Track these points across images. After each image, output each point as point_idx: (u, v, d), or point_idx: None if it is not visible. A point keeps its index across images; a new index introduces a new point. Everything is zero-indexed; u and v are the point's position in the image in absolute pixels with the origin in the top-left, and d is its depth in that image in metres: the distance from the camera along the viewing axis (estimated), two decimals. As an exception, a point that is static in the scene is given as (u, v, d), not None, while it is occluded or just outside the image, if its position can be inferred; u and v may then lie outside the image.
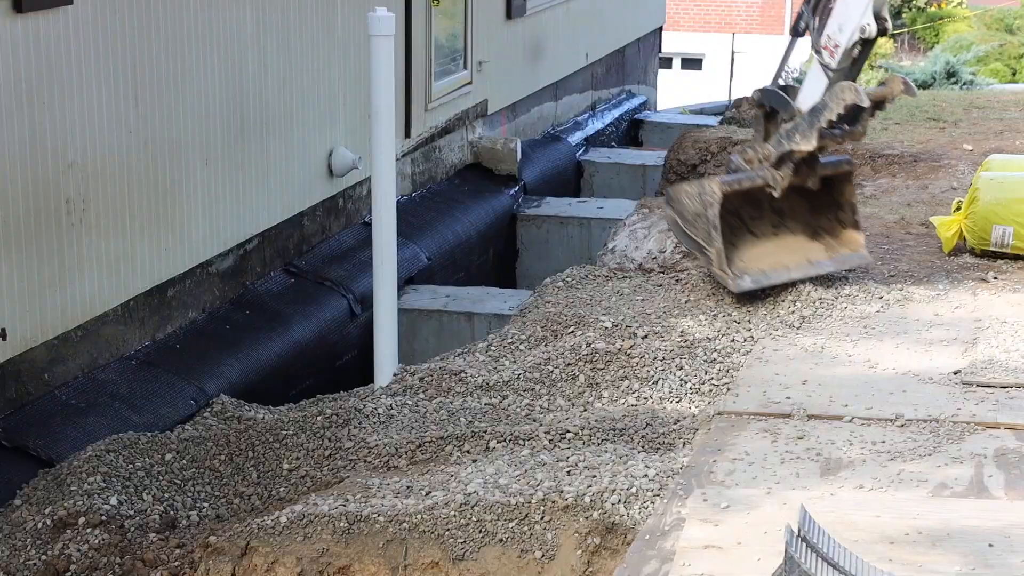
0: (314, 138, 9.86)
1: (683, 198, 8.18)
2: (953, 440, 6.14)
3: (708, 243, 8.01)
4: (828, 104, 7.83)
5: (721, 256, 7.95)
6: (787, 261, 8.19)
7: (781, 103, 8.10)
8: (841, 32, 7.92)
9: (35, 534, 6.15)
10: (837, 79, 7.92)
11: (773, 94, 8.17)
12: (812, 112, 7.92)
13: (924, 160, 12.05)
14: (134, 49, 7.69)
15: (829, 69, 7.95)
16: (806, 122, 7.94)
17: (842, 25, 7.91)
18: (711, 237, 7.98)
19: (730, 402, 6.72)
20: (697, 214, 8.07)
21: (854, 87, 7.77)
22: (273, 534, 5.82)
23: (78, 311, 7.38)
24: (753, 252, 8.19)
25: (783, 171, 8.10)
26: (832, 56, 7.94)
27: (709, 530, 5.26)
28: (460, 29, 12.60)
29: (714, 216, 7.93)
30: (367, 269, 9.16)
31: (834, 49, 7.93)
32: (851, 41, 7.87)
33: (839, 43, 7.92)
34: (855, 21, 7.83)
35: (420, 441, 6.70)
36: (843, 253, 8.34)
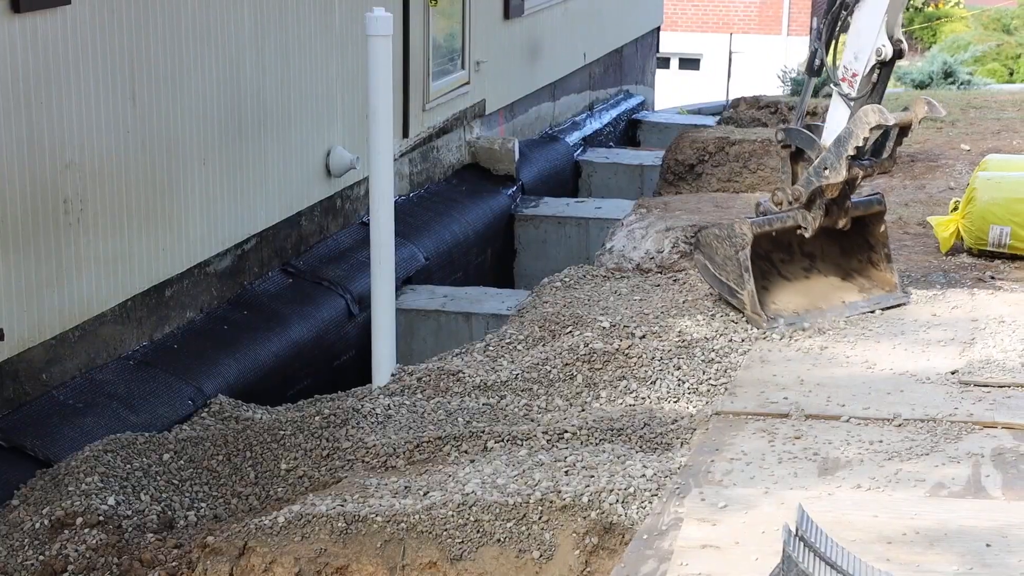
0: (312, 138, 9.86)
1: (712, 242, 8.05)
2: (950, 440, 6.15)
3: (740, 286, 7.87)
4: (853, 131, 7.72)
5: (754, 298, 7.82)
6: (820, 303, 8.06)
7: (807, 142, 7.99)
8: (857, 60, 7.87)
9: (33, 534, 6.15)
10: (859, 108, 7.85)
11: (798, 133, 8.05)
12: (837, 142, 7.81)
13: (921, 160, 12.06)
14: (132, 49, 7.69)
15: (850, 99, 7.88)
16: (833, 154, 7.81)
17: (857, 53, 7.86)
18: (743, 280, 7.85)
19: (728, 402, 6.72)
20: (727, 257, 7.94)
21: (878, 108, 7.66)
22: (271, 534, 5.82)
23: (76, 311, 7.37)
24: (785, 295, 8.07)
25: (814, 212, 7.97)
26: (851, 86, 7.89)
27: (707, 530, 5.26)
28: (458, 29, 12.60)
29: (745, 258, 7.82)
30: (365, 269, 9.16)
31: (852, 79, 7.88)
32: (868, 66, 7.81)
33: (857, 71, 7.86)
34: (870, 45, 7.79)
35: (418, 441, 6.70)
36: (877, 294, 8.19)
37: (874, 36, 7.77)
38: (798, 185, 8.00)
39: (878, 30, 7.76)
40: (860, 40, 7.84)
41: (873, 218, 8.26)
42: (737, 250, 7.85)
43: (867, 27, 7.82)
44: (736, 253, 7.85)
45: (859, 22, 7.86)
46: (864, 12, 7.83)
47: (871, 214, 8.24)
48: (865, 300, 8.14)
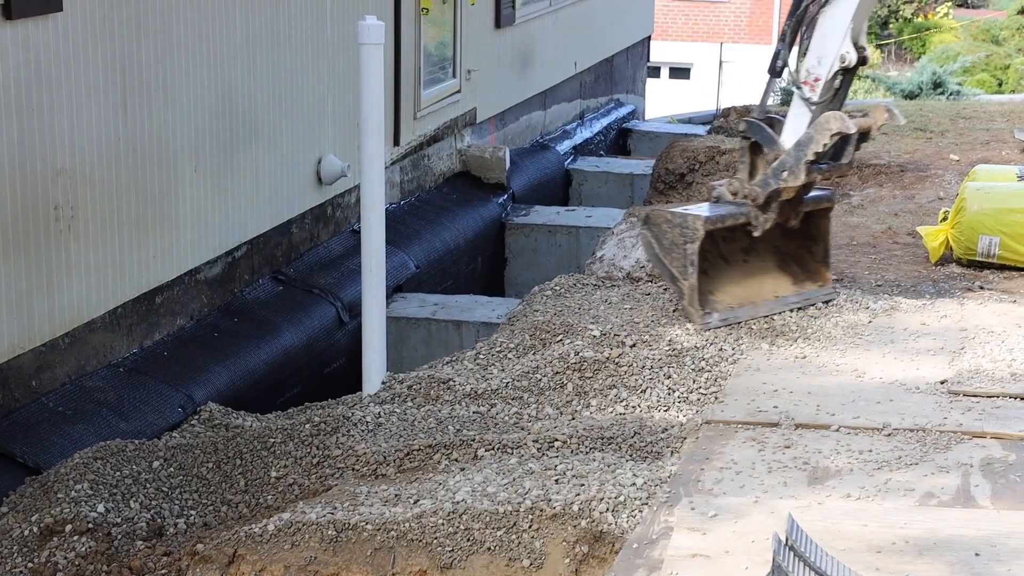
0: (303, 146, 9.87)
1: (663, 224, 8.11)
2: (940, 449, 6.16)
3: (683, 276, 7.98)
4: (814, 136, 7.79)
5: (694, 293, 7.94)
6: (755, 297, 8.16)
7: (767, 140, 8.05)
8: (820, 65, 7.91)
9: (21, 541, 6.13)
10: (820, 112, 7.90)
11: (760, 129, 8.12)
12: (798, 146, 7.88)
13: (911, 170, 12.09)
14: (124, 56, 7.69)
15: (811, 103, 7.94)
16: (792, 158, 7.88)
17: (821, 58, 7.90)
18: (686, 271, 7.95)
19: (718, 411, 6.73)
20: (675, 243, 8.02)
21: (839, 115, 7.73)
22: (261, 542, 5.82)
23: (66, 318, 7.37)
24: (722, 283, 8.17)
25: (768, 213, 8.07)
26: (813, 90, 7.93)
27: (697, 539, 5.27)
28: (449, 38, 12.62)
29: (693, 252, 7.91)
30: (355, 277, 9.16)
31: (814, 83, 7.93)
32: (831, 71, 7.87)
33: (819, 76, 7.91)
34: (834, 51, 7.83)
35: (408, 449, 6.70)
36: (809, 289, 8.34)
37: (839, 42, 7.81)
38: (756, 184, 8.06)
39: (843, 36, 7.80)
40: (824, 45, 7.87)
41: (821, 212, 8.39)
42: (687, 241, 7.93)
43: (832, 32, 7.85)
44: (684, 244, 7.94)
45: (824, 27, 7.89)
46: (829, 17, 7.86)
47: (820, 209, 8.36)
48: (796, 295, 8.28)
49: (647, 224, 8.23)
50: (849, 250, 9.65)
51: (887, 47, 32.03)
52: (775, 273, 8.34)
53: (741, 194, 8.10)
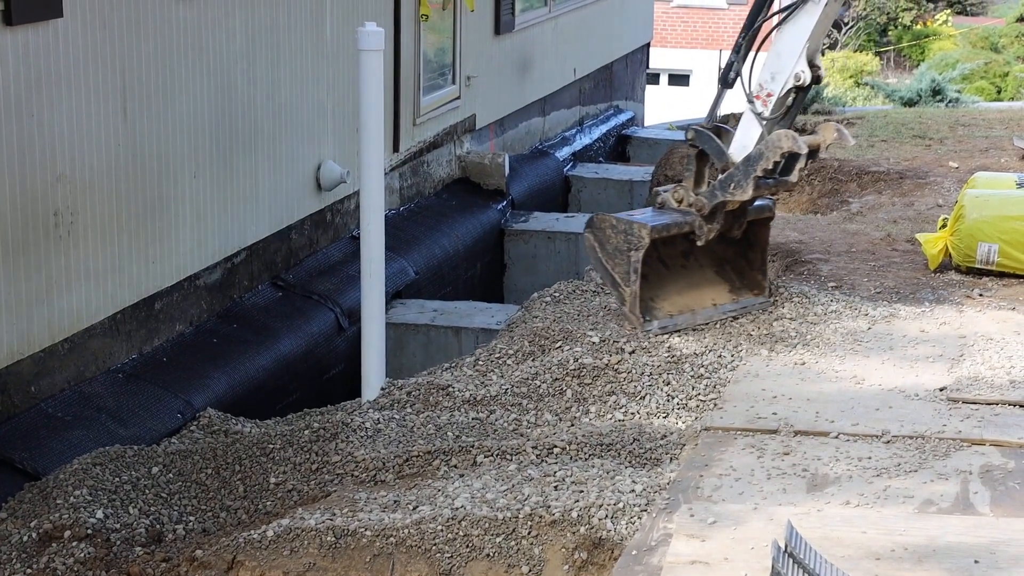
0: (302, 152, 9.87)
1: (607, 229, 8.16)
2: (939, 456, 6.17)
3: (625, 283, 8.04)
4: (764, 153, 7.83)
5: (636, 300, 8.01)
6: (694, 304, 8.23)
7: (716, 151, 8.09)
8: (774, 81, 7.93)
9: (20, 547, 6.13)
10: (770, 128, 7.93)
11: (708, 139, 8.15)
12: (747, 161, 7.91)
13: (910, 177, 12.11)
14: (123, 62, 7.70)
15: (762, 118, 7.96)
16: (741, 172, 7.92)
17: (775, 74, 7.92)
18: (629, 279, 8.02)
19: (717, 417, 6.73)
20: (619, 250, 8.07)
21: (791, 135, 7.75)
22: (260, 548, 5.81)
23: (65, 324, 7.37)
24: (663, 289, 8.23)
25: (713, 224, 8.14)
26: (765, 105, 7.95)
27: (696, 545, 5.27)
28: (449, 44, 12.63)
29: (637, 260, 7.97)
30: (355, 283, 9.17)
31: (767, 98, 7.95)
32: (785, 89, 7.90)
33: (772, 92, 7.94)
34: (789, 69, 7.86)
35: (407, 455, 6.70)
36: (746, 297, 8.42)
37: (794, 60, 7.83)
38: (703, 195, 8.09)
39: (799, 55, 7.83)
40: (780, 62, 7.89)
41: (761, 222, 8.47)
42: (631, 248, 7.99)
43: (788, 50, 7.87)
44: (629, 251, 8.00)
45: (780, 44, 7.92)
46: (787, 35, 7.88)
47: (761, 219, 8.43)
48: (733, 303, 8.36)
49: (591, 228, 8.28)
50: (848, 257, 9.66)
51: (886, 54, 32.07)
52: (713, 279, 8.43)
53: (686, 202, 8.17)
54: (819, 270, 9.31)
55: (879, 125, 14.79)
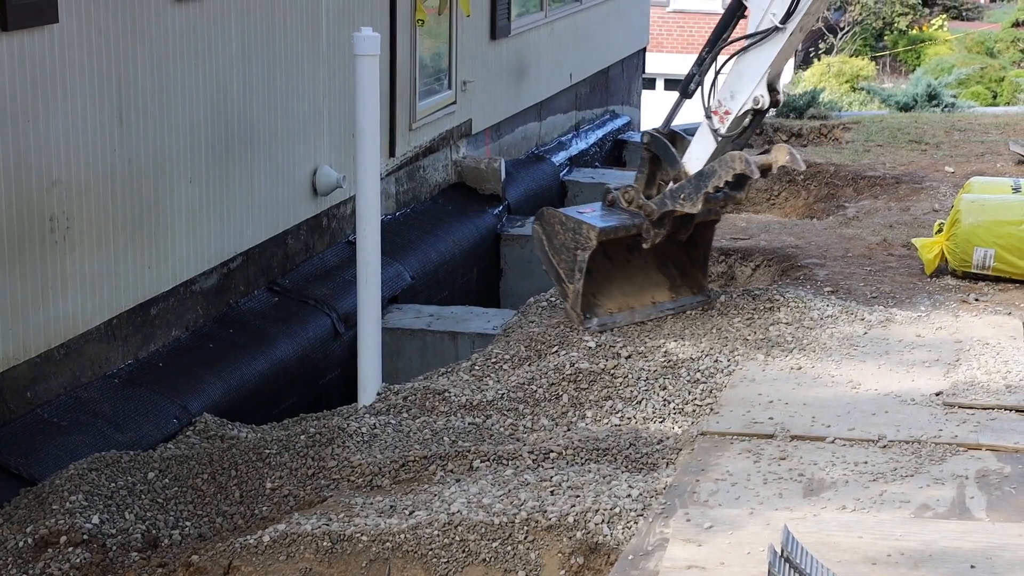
0: (298, 157, 9.87)
1: (556, 225, 8.28)
2: (935, 461, 6.17)
3: (569, 279, 8.18)
4: (717, 171, 7.95)
5: (578, 298, 8.13)
6: (634, 302, 8.36)
7: (670, 159, 8.21)
8: (733, 99, 8.00)
9: (16, 553, 6.12)
10: (725, 144, 8.02)
11: (663, 146, 8.25)
12: (699, 176, 8.02)
13: (906, 182, 12.12)
14: (119, 67, 7.69)
15: (718, 134, 8.02)
16: (692, 186, 8.04)
17: (734, 93, 7.99)
18: (573, 276, 8.16)
19: (713, 422, 6.73)
20: (565, 246, 8.20)
21: (745, 158, 7.86)
22: (256, 553, 5.81)
23: (61, 329, 7.36)
24: (605, 284, 8.33)
25: (658, 230, 8.26)
26: (723, 122, 8.02)
27: (692, 550, 5.26)
28: (445, 49, 12.63)
29: (583, 260, 8.10)
30: (351, 288, 9.16)
31: (724, 115, 8.02)
32: (743, 110, 7.97)
33: (730, 110, 8.01)
34: (748, 91, 7.93)
35: (403, 460, 6.70)
36: (685, 296, 8.54)
37: (755, 83, 7.91)
38: (653, 202, 8.20)
39: (760, 79, 7.90)
40: (741, 82, 7.96)
41: (707, 224, 8.59)
42: (578, 248, 8.13)
43: (750, 72, 7.94)
44: (576, 250, 8.14)
45: (743, 64, 7.99)
46: (750, 57, 7.95)
47: (707, 220, 8.56)
48: (672, 301, 8.50)
49: (540, 220, 8.41)
50: (844, 262, 9.67)
51: (882, 59, 32.10)
52: (655, 276, 8.54)
53: (636, 204, 8.24)
54: (815, 275, 9.32)
55: (875, 130, 14.80)
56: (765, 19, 7.86)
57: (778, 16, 7.80)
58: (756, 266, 10.00)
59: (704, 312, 8.43)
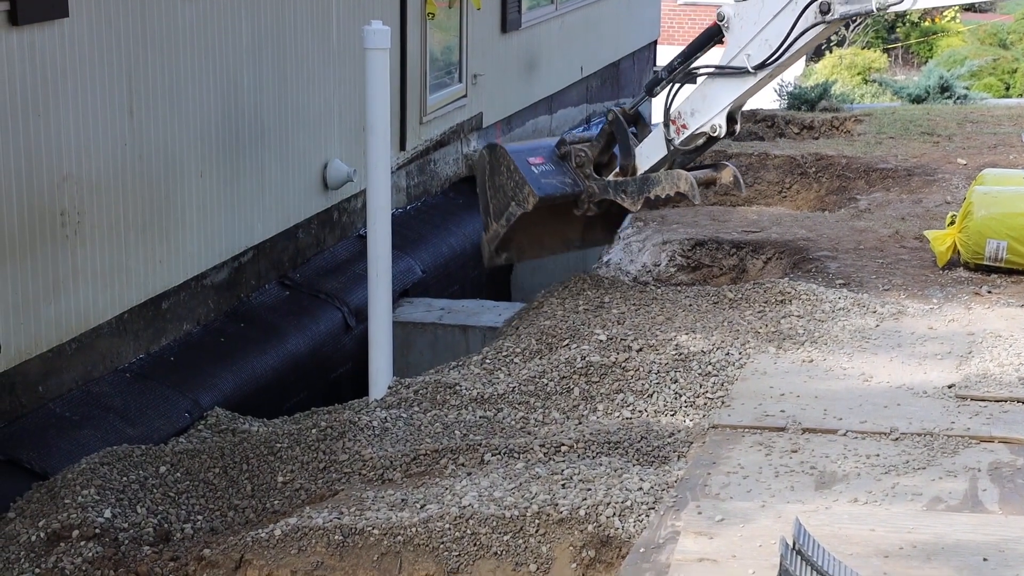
0: (309, 151, 9.87)
1: (501, 167, 8.56)
2: (947, 454, 6.15)
3: (496, 219, 8.43)
4: (662, 182, 8.21)
5: (498, 239, 8.43)
6: (545, 240, 8.65)
7: (624, 148, 8.44)
8: (692, 117, 8.13)
9: (29, 547, 6.13)
10: (675, 155, 8.20)
11: (623, 132, 8.46)
12: (644, 180, 8.24)
13: (918, 174, 12.08)
14: (130, 61, 7.70)
15: (671, 144, 8.12)
16: (636, 187, 8.29)
17: (695, 112, 8.11)
18: (501, 221, 8.40)
19: (725, 415, 6.72)
20: (503, 189, 8.43)
21: (691, 181, 8.08)
22: (267, 547, 5.81)
23: (72, 323, 7.37)
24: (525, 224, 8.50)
25: (596, 208, 8.51)
26: (679, 133, 8.15)
27: (704, 543, 5.26)
28: (455, 42, 12.62)
29: (513, 214, 8.34)
30: (362, 282, 9.16)
31: (681, 128, 8.13)
32: (699, 130, 8.10)
33: (688, 125, 8.17)
34: (709, 115, 8.07)
35: (415, 454, 6.70)
36: (596, 235, 8.90)
37: (715, 111, 8.04)
38: (597, 185, 8.46)
39: (722, 109, 8.00)
40: (704, 104, 8.10)
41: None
42: (512, 201, 8.37)
43: (714, 97, 8.03)
44: (511, 200, 8.35)
45: (709, 88, 8.11)
46: (718, 84, 8.07)
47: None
48: (581, 240, 8.90)
49: (491, 152, 8.67)
50: (856, 254, 9.64)
51: (894, 51, 32.00)
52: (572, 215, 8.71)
53: (584, 171, 8.39)
54: (827, 267, 9.30)
55: (887, 122, 14.76)
56: (739, 57, 7.93)
57: (753, 60, 7.89)
58: (768, 259, 9.97)
59: (715, 305, 8.41)
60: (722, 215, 10.99)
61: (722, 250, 10.09)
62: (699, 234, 10.17)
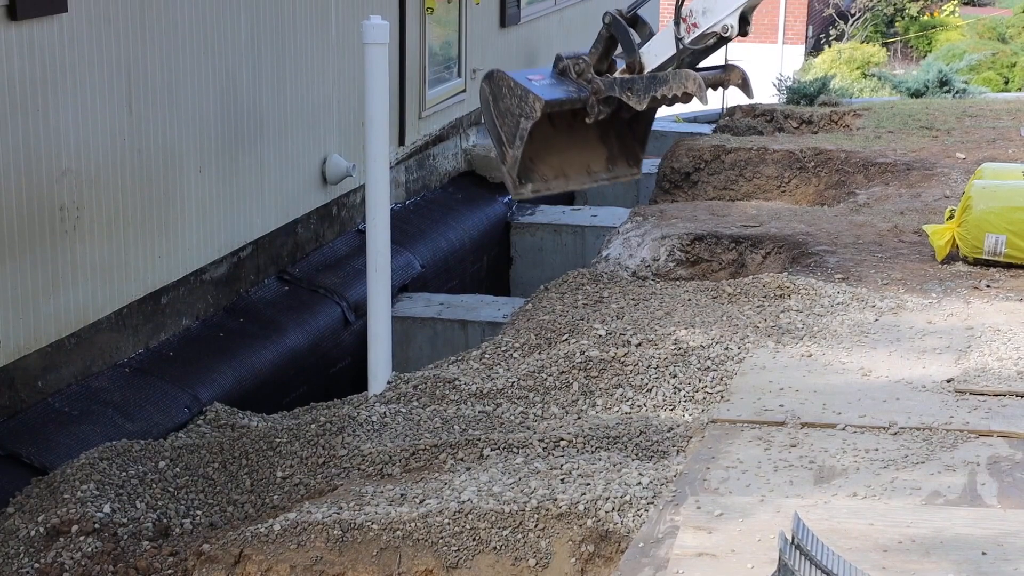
0: (308, 146, 9.87)
1: (504, 88, 8.25)
2: (946, 448, 6.15)
3: (509, 144, 8.18)
4: (670, 81, 7.87)
5: (516, 164, 8.07)
6: (568, 170, 8.34)
7: (626, 45, 8.16)
8: (704, 16, 7.95)
9: (28, 542, 6.14)
10: (684, 54, 8.00)
11: (623, 31, 8.22)
12: (652, 79, 7.97)
13: (917, 168, 12.08)
14: (129, 57, 7.70)
15: (681, 42, 8.00)
16: (642, 84, 7.99)
17: (707, 10, 7.94)
18: (514, 142, 8.11)
19: (724, 410, 6.73)
20: (510, 111, 8.17)
21: (699, 81, 7.79)
22: (267, 542, 5.82)
23: (71, 318, 7.37)
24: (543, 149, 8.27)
25: (605, 108, 8.16)
26: (688, 32, 7.98)
27: (703, 538, 5.26)
28: (454, 37, 12.62)
29: (525, 129, 8.01)
30: (361, 277, 9.16)
31: (692, 27, 7.98)
32: (710, 30, 7.94)
33: (699, 24, 7.97)
34: (721, 15, 7.87)
35: (414, 449, 6.70)
36: (620, 168, 8.51)
37: (729, 11, 7.86)
38: (602, 81, 8.12)
39: (735, 8, 7.85)
40: (716, 3, 7.91)
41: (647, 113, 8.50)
42: (522, 115, 8.08)
43: None
44: (519, 117, 8.05)
45: None
46: None
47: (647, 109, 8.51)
48: (607, 172, 8.47)
49: (489, 81, 8.40)
50: (855, 249, 9.64)
51: (893, 45, 31.99)
52: (594, 145, 8.47)
53: (585, 77, 8.24)
54: (826, 262, 9.30)
55: (886, 116, 14.76)
56: None
57: None
58: (767, 253, 9.98)
59: (714, 299, 8.42)
60: (721, 210, 10.99)
61: (721, 245, 10.09)
62: (698, 229, 10.18)
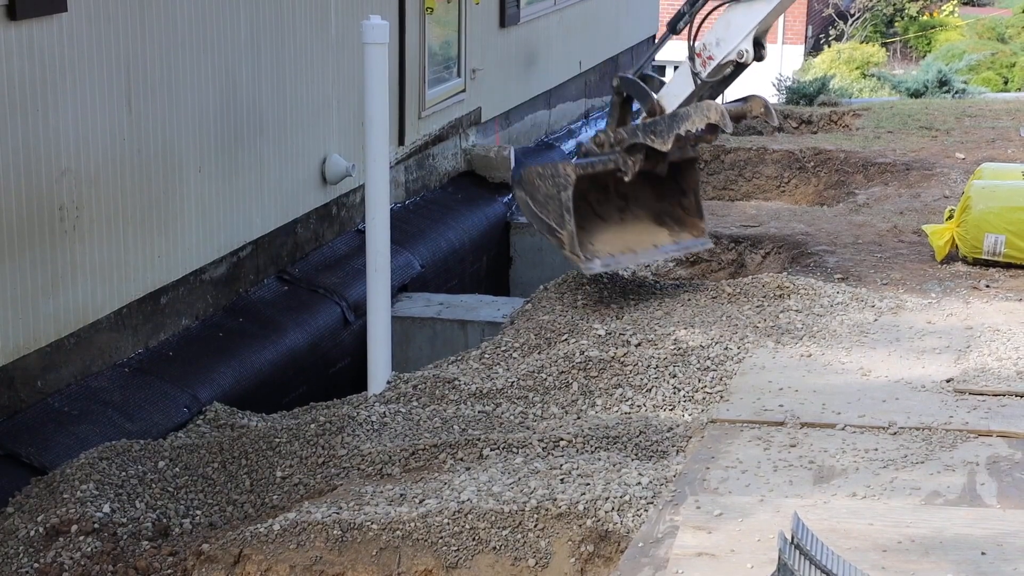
0: (308, 145, 9.87)
1: (535, 180, 8.33)
2: (945, 448, 6.15)
3: (560, 226, 8.19)
4: (692, 116, 7.98)
5: (573, 239, 8.11)
6: (634, 246, 8.38)
7: (640, 94, 8.23)
8: (718, 47, 8.00)
9: (27, 542, 6.14)
10: (703, 89, 8.05)
11: (633, 84, 8.29)
12: (673, 117, 8.04)
13: (916, 168, 12.08)
14: (128, 56, 7.69)
15: (698, 77, 8.03)
16: (665, 125, 8.06)
17: (720, 40, 7.99)
18: (563, 220, 8.15)
19: (723, 410, 6.73)
20: (549, 196, 8.23)
21: (721, 110, 7.88)
22: (266, 542, 5.82)
23: (71, 318, 7.37)
24: (602, 235, 8.35)
25: (635, 157, 8.24)
26: (704, 66, 8.02)
27: (702, 537, 5.26)
28: (454, 37, 12.61)
29: (567, 199, 8.08)
30: (360, 277, 9.16)
31: (707, 60, 8.02)
32: (726, 59, 7.97)
33: (714, 56, 8.03)
34: (735, 42, 7.93)
35: (413, 449, 6.70)
36: (686, 239, 8.56)
37: (742, 36, 7.91)
38: (623, 130, 8.23)
39: (748, 33, 7.87)
40: (728, 32, 7.95)
41: (687, 164, 8.58)
42: (560, 190, 8.12)
43: (739, 24, 7.92)
44: (559, 193, 8.13)
45: (732, 15, 7.98)
46: (742, 8, 7.93)
47: (686, 159, 8.55)
48: (674, 244, 8.53)
49: (519, 184, 8.45)
50: (855, 249, 9.65)
51: (892, 45, 31.99)
52: (652, 228, 8.57)
53: (608, 144, 8.28)
54: (825, 262, 9.30)
55: (885, 116, 14.76)
56: None
57: None
58: (766, 253, 9.98)
59: (713, 299, 8.41)
60: (720, 209, 10.99)
61: (721, 244, 10.10)
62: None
